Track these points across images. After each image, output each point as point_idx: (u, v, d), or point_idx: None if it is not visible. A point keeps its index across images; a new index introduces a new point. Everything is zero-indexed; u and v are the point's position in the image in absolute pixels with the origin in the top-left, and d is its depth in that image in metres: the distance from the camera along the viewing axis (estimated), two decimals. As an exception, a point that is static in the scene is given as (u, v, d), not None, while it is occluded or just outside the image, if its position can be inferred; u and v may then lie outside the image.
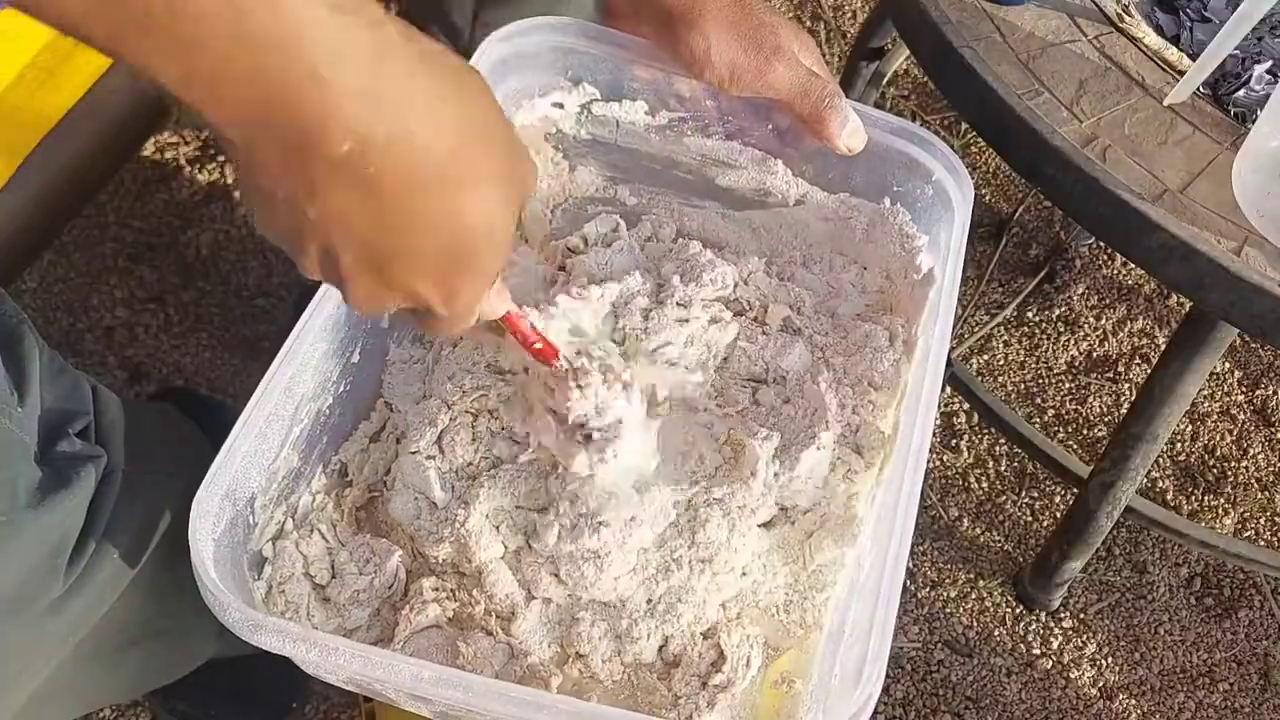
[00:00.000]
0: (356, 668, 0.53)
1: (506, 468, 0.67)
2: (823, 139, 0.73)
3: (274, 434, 0.62)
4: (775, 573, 0.66)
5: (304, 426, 0.66)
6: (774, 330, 0.74)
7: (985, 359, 1.44)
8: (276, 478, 0.64)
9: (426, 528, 0.66)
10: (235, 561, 0.60)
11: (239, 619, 0.54)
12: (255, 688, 1.09)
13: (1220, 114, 0.87)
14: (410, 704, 0.60)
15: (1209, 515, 1.36)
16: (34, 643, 0.70)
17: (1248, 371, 1.47)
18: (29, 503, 0.64)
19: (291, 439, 0.64)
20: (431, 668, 0.53)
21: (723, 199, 0.80)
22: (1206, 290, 0.81)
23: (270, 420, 0.62)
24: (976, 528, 1.32)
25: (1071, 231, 1.53)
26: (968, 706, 1.22)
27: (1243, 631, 1.29)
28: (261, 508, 0.63)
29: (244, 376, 1.31)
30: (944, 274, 0.72)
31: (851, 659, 0.58)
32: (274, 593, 0.63)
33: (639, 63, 0.75)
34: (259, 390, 0.61)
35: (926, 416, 0.64)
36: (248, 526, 0.62)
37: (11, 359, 0.66)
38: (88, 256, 1.38)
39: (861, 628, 0.58)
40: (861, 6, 1.74)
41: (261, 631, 0.54)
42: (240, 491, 0.60)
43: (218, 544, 0.58)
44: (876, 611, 0.57)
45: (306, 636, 0.54)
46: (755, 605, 0.65)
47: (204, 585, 0.55)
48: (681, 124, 0.78)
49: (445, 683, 0.53)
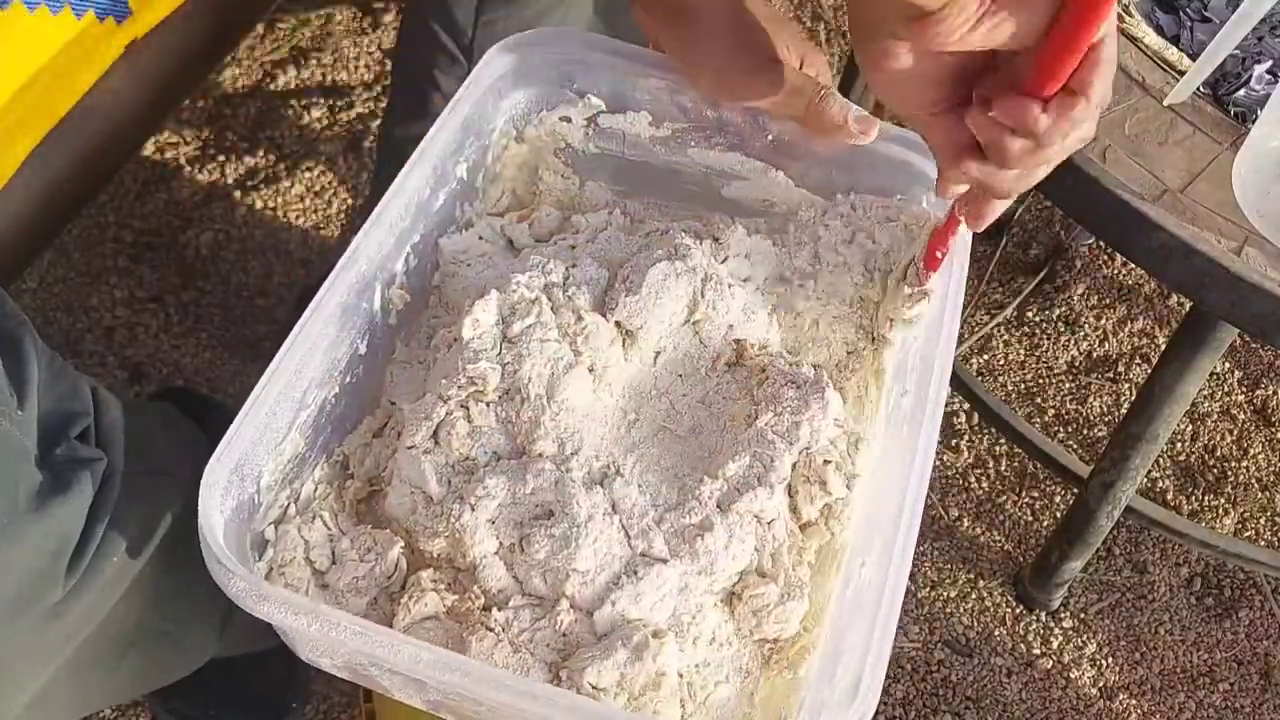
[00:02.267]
0: (357, 644, 0.53)
1: (506, 462, 0.67)
2: (828, 132, 0.71)
3: (282, 415, 0.63)
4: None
5: (310, 413, 0.66)
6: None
7: (985, 359, 1.44)
8: (282, 460, 0.64)
9: (422, 522, 0.66)
10: (240, 539, 0.61)
11: (244, 589, 0.54)
12: (255, 688, 1.09)
13: (1220, 114, 0.87)
14: (404, 690, 0.60)
15: (1209, 515, 1.37)
16: (34, 646, 0.70)
17: (1248, 371, 1.47)
18: (29, 506, 0.64)
19: (299, 423, 0.65)
20: (431, 650, 0.53)
21: (728, 211, 0.79)
22: (1206, 290, 0.81)
23: (280, 400, 0.62)
24: (976, 528, 1.32)
25: (1071, 231, 1.53)
26: (968, 706, 1.22)
27: (1243, 631, 1.29)
28: (267, 488, 0.63)
29: (244, 376, 1.31)
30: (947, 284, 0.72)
31: (848, 674, 0.58)
32: (274, 574, 0.64)
33: (640, 73, 0.75)
34: (270, 368, 0.61)
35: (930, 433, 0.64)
36: (253, 506, 0.62)
37: (11, 361, 0.65)
38: (88, 256, 1.38)
39: (858, 645, 0.58)
40: (861, 6, 1.74)
41: (266, 602, 0.54)
42: (248, 469, 0.61)
43: (226, 519, 0.58)
44: (875, 630, 0.57)
45: (311, 609, 0.54)
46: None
47: (210, 553, 0.55)
48: (685, 135, 0.78)
49: (445, 666, 0.53)
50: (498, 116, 0.77)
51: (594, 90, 0.77)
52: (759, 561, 0.66)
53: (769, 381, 0.70)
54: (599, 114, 0.78)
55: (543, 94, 0.77)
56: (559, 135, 0.79)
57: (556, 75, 0.76)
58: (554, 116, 0.78)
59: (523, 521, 0.65)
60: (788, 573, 0.65)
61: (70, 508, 0.67)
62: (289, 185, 1.46)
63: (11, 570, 0.65)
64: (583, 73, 0.76)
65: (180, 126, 1.50)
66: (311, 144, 1.51)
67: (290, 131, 1.52)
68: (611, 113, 0.78)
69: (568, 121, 0.78)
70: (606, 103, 0.77)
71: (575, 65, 0.76)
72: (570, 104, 0.77)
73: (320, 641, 0.55)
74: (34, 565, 0.66)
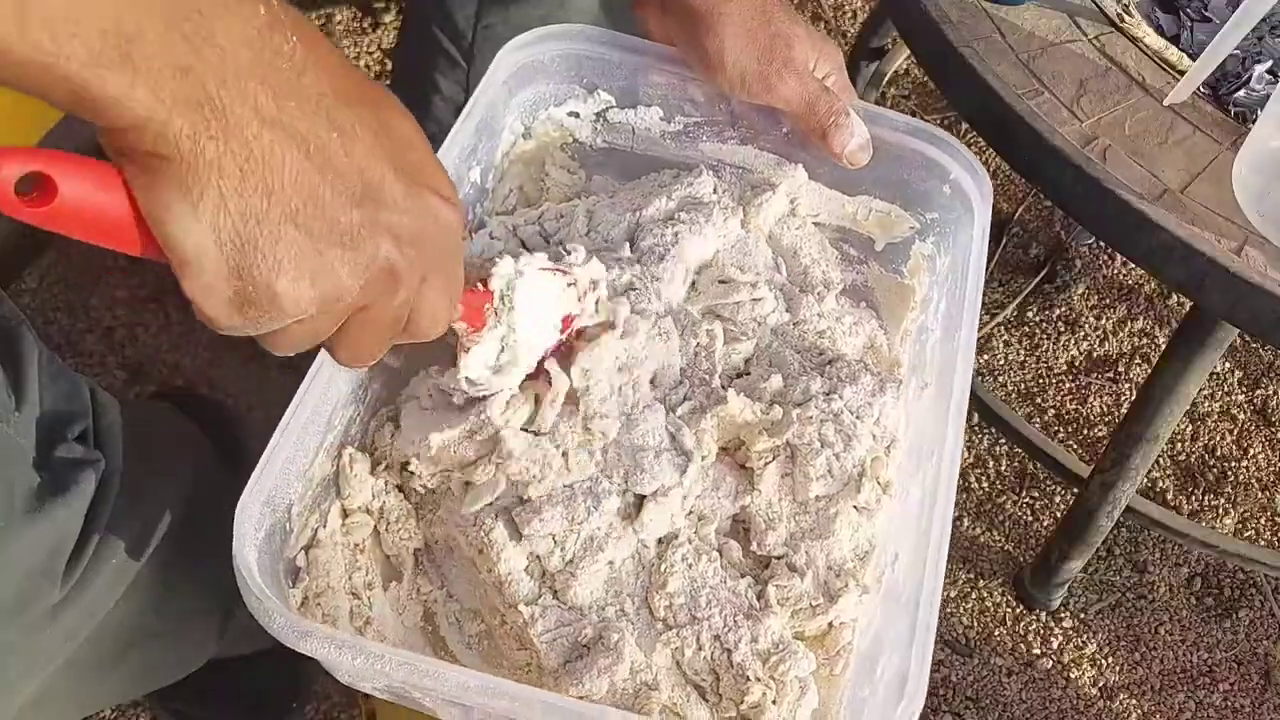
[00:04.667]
0: (402, 675, 0.53)
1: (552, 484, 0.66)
2: (827, 152, 0.73)
3: (310, 440, 0.62)
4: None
5: (336, 434, 0.65)
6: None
7: (985, 359, 1.44)
8: (312, 484, 0.63)
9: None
10: (274, 569, 0.59)
11: (285, 625, 0.53)
12: (255, 688, 1.09)
13: (1220, 114, 0.87)
14: (448, 711, 0.60)
15: (1209, 515, 1.36)
16: (33, 646, 0.70)
17: (1248, 371, 1.47)
18: (27, 508, 0.64)
19: (325, 446, 0.64)
20: (477, 675, 0.53)
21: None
22: (1206, 290, 0.81)
23: (307, 425, 0.61)
24: (976, 528, 1.32)
25: (1071, 231, 1.53)
26: (968, 706, 1.22)
27: (1243, 631, 1.29)
28: (298, 515, 0.62)
29: (244, 376, 1.31)
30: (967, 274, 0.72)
31: (890, 669, 0.58)
32: (310, 603, 0.63)
33: (653, 68, 0.75)
34: (299, 394, 0.60)
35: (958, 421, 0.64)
36: (284, 534, 0.61)
37: (10, 362, 0.65)
38: (88, 256, 1.38)
39: (900, 639, 0.58)
40: (861, 6, 1.74)
41: (308, 639, 0.53)
42: (279, 498, 0.60)
43: (259, 551, 0.57)
44: (917, 623, 0.56)
45: (354, 644, 0.53)
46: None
47: (249, 591, 0.54)
48: (697, 129, 0.78)
49: (491, 691, 0.53)
50: (507, 115, 0.77)
51: (604, 85, 0.77)
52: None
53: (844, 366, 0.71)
54: (608, 109, 0.77)
55: (552, 90, 0.77)
56: (566, 130, 0.78)
57: (566, 70, 0.76)
58: (562, 112, 0.77)
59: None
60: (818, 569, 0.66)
61: (69, 508, 0.67)
62: (289, 185, 1.46)
63: (10, 571, 0.65)
64: (593, 68, 0.76)
65: (180, 126, 1.50)
66: (311, 144, 1.50)
67: (290, 131, 1.51)
68: (621, 108, 0.77)
69: (575, 116, 0.78)
70: (617, 98, 0.77)
71: (585, 60, 0.76)
72: (579, 99, 0.77)
73: (363, 669, 0.54)
74: (33, 566, 0.66)
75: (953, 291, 0.73)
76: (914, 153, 0.75)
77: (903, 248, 0.80)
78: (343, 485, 0.66)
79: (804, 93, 0.71)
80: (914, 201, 0.77)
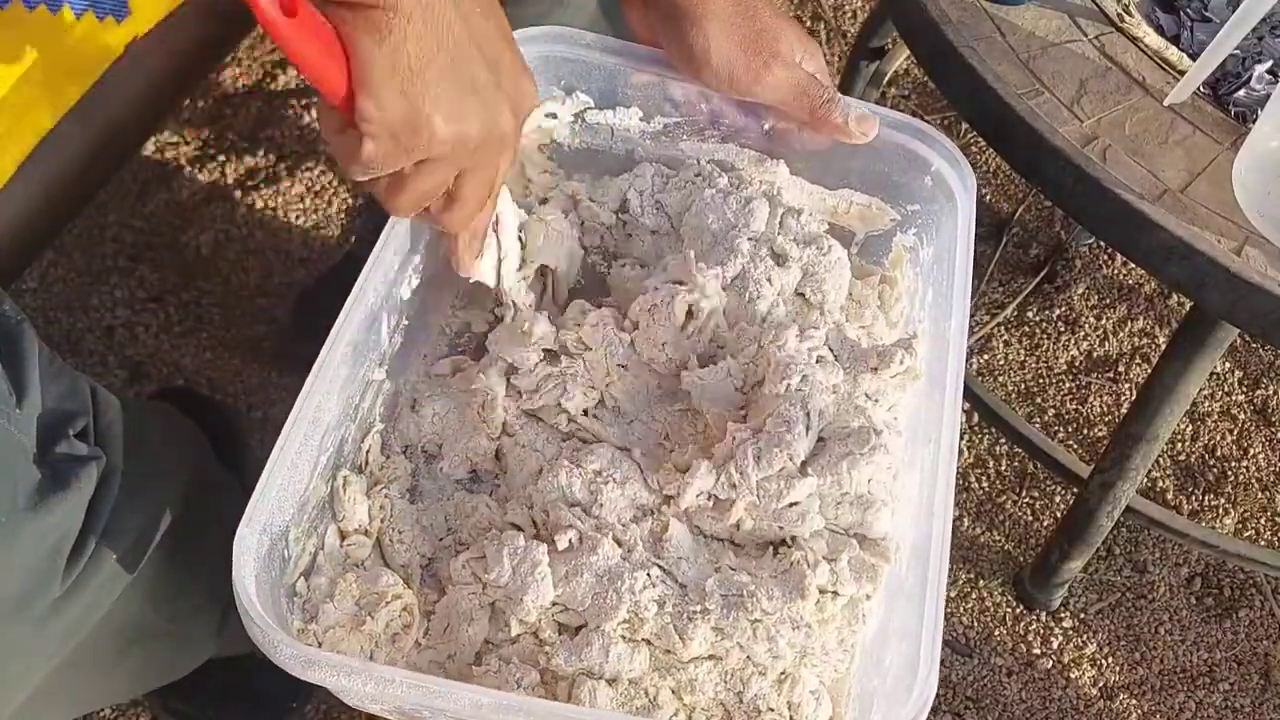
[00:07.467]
0: (414, 698, 0.52)
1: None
2: (831, 134, 0.72)
3: (303, 465, 0.62)
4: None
5: (329, 455, 0.65)
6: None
7: (985, 359, 1.44)
8: (307, 508, 0.63)
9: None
10: (274, 597, 0.59)
11: (290, 655, 0.53)
12: (255, 688, 1.09)
13: (1220, 114, 0.87)
14: None
15: (1209, 515, 1.36)
16: (33, 644, 0.70)
17: (1248, 371, 1.47)
18: (27, 505, 0.64)
19: (319, 469, 0.64)
20: (490, 694, 0.53)
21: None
22: (1206, 290, 0.81)
23: (300, 451, 0.61)
24: (976, 528, 1.32)
25: (1071, 231, 1.53)
26: (968, 706, 1.22)
27: (1243, 631, 1.29)
28: (295, 540, 0.62)
29: (244, 376, 1.31)
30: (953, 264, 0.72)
31: (899, 660, 0.58)
32: (313, 628, 0.62)
33: (632, 69, 0.75)
34: (290, 420, 0.60)
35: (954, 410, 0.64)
36: (283, 560, 0.61)
37: (10, 360, 0.65)
38: (88, 256, 1.38)
39: (908, 629, 0.58)
40: (861, 6, 1.74)
41: (315, 667, 0.53)
42: (276, 524, 0.60)
43: (258, 580, 0.57)
44: (925, 613, 0.57)
45: (363, 669, 0.53)
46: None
47: (252, 623, 0.54)
48: (677, 129, 0.78)
49: (506, 709, 0.52)
50: None
51: (582, 86, 0.77)
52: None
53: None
54: (586, 110, 0.77)
55: None
56: (544, 131, 0.78)
57: (544, 73, 0.76)
58: (540, 113, 0.77)
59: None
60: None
61: (69, 505, 0.67)
62: (289, 185, 1.46)
63: (10, 568, 0.65)
64: (570, 70, 0.76)
65: (180, 126, 1.50)
66: (311, 144, 1.51)
67: (290, 131, 1.52)
68: (600, 109, 0.77)
69: (553, 118, 0.78)
70: (596, 99, 0.77)
71: (563, 62, 0.76)
72: (556, 101, 0.77)
73: (373, 694, 0.53)
74: (33, 563, 0.66)
75: (940, 282, 0.73)
76: (895, 146, 0.75)
77: (884, 240, 0.80)
78: (338, 508, 0.66)
79: (794, 81, 0.71)
80: (895, 194, 0.77)
